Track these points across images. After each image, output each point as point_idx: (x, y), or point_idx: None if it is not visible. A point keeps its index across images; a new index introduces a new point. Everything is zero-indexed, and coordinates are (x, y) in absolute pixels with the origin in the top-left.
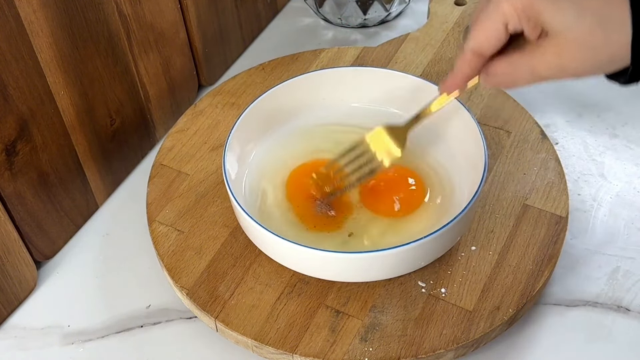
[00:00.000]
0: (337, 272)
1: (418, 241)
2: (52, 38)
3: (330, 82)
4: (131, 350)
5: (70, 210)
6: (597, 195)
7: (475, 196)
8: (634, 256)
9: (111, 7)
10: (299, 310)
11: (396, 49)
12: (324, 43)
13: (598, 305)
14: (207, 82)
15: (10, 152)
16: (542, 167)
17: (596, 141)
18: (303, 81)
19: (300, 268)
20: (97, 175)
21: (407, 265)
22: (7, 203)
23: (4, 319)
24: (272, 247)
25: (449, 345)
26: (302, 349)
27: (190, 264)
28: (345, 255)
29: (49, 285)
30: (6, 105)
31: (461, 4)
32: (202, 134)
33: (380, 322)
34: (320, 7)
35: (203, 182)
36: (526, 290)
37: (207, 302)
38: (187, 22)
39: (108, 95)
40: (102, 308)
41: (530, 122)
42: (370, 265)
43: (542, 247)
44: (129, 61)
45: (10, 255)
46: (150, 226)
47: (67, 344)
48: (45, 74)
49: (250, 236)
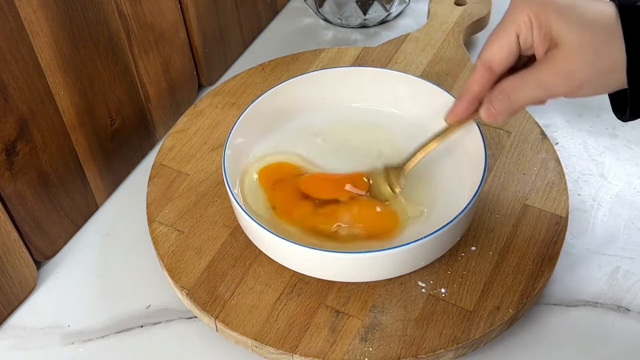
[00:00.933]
0: (337, 272)
1: (418, 241)
2: (52, 38)
3: (330, 82)
4: (131, 350)
5: (70, 210)
6: (597, 195)
7: (475, 196)
8: (634, 256)
9: (111, 7)
10: (299, 310)
11: (396, 49)
12: (324, 43)
13: (598, 305)
14: (207, 82)
15: (10, 152)
16: (542, 167)
17: (596, 141)
18: (303, 81)
19: (300, 268)
20: (97, 175)
21: (407, 265)
22: (7, 203)
23: (4, 319)
24: (272, 247)
25: (449, 345)
26: (302, 349)
27: (190, 264)
28: (346, 255)
29: (49, 285)
30: (6, 105)
31: (461, 4)
32: (202, 134)
33: (380, 322)
34: (320, 7)
35: (203, 182)
36: (526, 290)
37: (207, 302)
38: (187, 22)
39: (108, 95)
40: (102, 308)
41: (530, 122)
42: (371, 265)
43: (542, 247)
44: (129, 61)
45: (10, 255)
46: (150, 226)
47: (67, 344)
48: (45, 74)
49: (250, 236)
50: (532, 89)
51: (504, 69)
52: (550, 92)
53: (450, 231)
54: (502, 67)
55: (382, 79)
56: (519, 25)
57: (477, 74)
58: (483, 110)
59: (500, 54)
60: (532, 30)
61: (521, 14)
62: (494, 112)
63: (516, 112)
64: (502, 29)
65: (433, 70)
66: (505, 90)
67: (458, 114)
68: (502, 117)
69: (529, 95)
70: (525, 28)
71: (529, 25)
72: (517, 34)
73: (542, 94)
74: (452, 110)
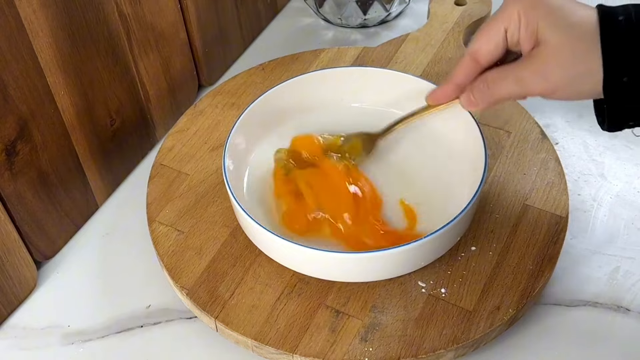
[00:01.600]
0: (337, 272)
1: (418, 241)
2: (52, 38)
3: (330, 82)
4: (131, 350)
5: (70, 210)
6: (597, 195)
7: (475, 196)
8: (634, 256)
9: (111, 7)
10: (299, 311)
11: (396, 49)
12: (324, 43)
13: (598, 305)
14: (207, 82)
15: (10, 152)
16: (542, 167)
17: (596, 141)
18: (303, 81)
19: (300, 268)
20: (97, 175)
21: (407, 265)
22: (7, 203)
23: (4, 319)
24: (272, 247)
25: (449, 345)
26: (302, 349)
27: (190, 264)
28: (345, 255)
29: (49, 285)
30: (6, 105)
31: (461, 4)
32: (202, 134)
33: (380, 322)
34: (320, 7)
35: (203, 182)
36: (526, 290)
37: (207, 302)
38: (187, 22)
39: (108, 95)
40: (102, 308)
41: (530, 122)
42: (371, 266)
43: (542, 247)
44: (129, 61)
45: (10, 255)
46: (150, 226)
47: (67, 344)
48: (45, 74)
49: (250, 236)
50: (511, 84)
51: (490, 61)
52: (527, 89)
53: (450, 231)
54: (488, 59)
55: (382, 79)
56: (508, 20)
57: (463, 64)
58: (463, 97)
59: (487, 46)
60: (519, 27)
61: (512, 10)
62: (473, 100)
63: (494, 104)
64: (492, 23)
65: (433, 70)
66: (486, 80)
67: (439, 98)
68: (480, 106)
69: (507, 90)
70: (514, 24)
71: (517, 22)
72: (505, 29)
73: (519, 90)
74: (434, 93)
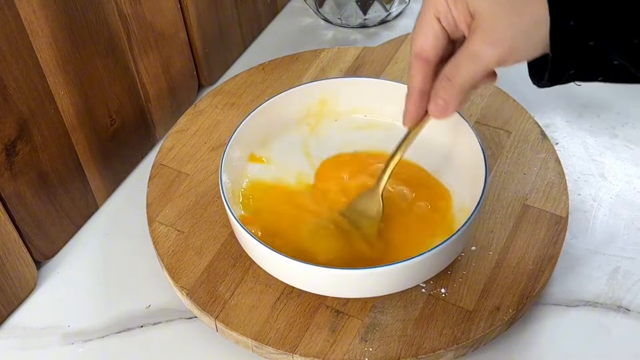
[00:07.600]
0: (329, 288)
1: (417, 257)
2: (52, 38)
3: (330, 92)
4: (131, 350)
5: (70, 210)
6: (597, 195)
7: (475, 211)
8: (634, 256)
9: (111, 7)
10: (299, 310)
11: (396, 49)
12: (324, 43)
13: (598, 305)
14: (207, 82)
15: (10, 152)
16: (542, 167)
17: (596, 141)
18: (303, 91)
19: (289, 281)
20: (97, 175)
21: (405, 281)
22: (7, 203)
23: (4, 319)
24: (262, 257)
25: (449, 345)
26: (302, 349)
27: (190, 264)
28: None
29: (49, 285)
30: (6, 105)
31: None
32: (202, 134)
33: (380, 322)
34: (320, 7)
35: (203, 182)
36: (526, 290)
37: (207, 302)
38: (187, 22)
39: (108, 95)
40: (102, 308)
41: (530, 122)
42: (365, 282)
43: (542, 247)
44: (129, 61)
45: (10, 255)
46: (150, 226)
47: (67, 344)
48: (45, 74)
49: (243, 245)
50: (467, 64)
51: (439, 55)
52: (485, 62)
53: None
54: (434, 53)
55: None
56: (436, 7)
57: (413, 68)
58: (431, 107)
59: (427, 41)
60: (449, 9)
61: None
62: (442, 104)
63: (464, 97)
64: (422, 16)
65: None
66: (445, 75)
67: (412, 115)
68: (452, 106)
69: (468, 71)
70: (443, 8)
71: (445, 5)
72: (437, 17)
73: (478, 67)
74: (406, 113)
